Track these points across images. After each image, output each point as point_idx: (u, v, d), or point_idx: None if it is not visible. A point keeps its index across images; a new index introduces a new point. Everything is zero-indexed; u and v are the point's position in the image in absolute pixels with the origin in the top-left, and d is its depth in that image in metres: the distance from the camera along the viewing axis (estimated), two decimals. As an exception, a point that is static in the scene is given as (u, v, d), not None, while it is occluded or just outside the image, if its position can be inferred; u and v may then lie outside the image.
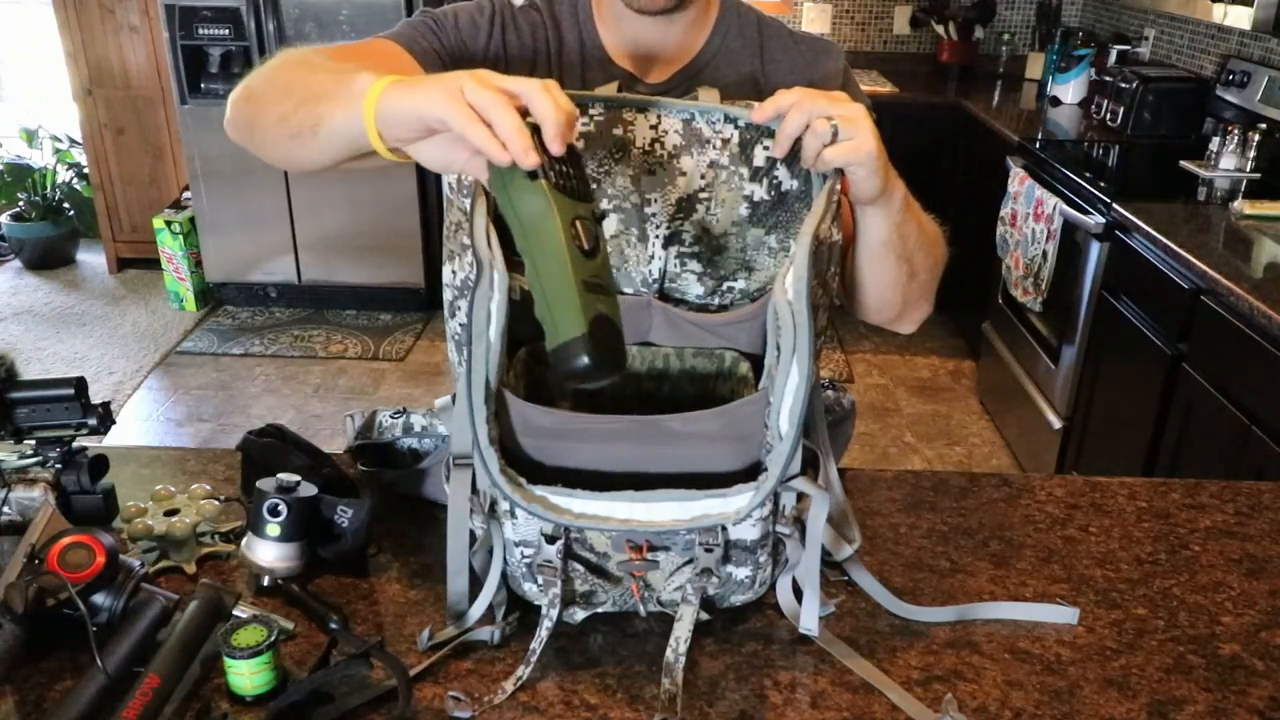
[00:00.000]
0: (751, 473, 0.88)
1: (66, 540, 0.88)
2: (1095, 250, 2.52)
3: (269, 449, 1.09)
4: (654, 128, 0.90)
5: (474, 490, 0.90)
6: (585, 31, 1.11)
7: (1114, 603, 1.00)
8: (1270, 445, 1.82)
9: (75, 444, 1.06)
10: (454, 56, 1.08)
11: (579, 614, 0.93)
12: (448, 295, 0.88)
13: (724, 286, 0.96)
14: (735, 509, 0.86)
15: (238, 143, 0.99)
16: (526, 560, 0.90)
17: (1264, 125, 2.73)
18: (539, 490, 0.85)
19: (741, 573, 0.92)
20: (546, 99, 0.72)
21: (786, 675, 0.89)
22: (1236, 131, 2.73)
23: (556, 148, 0.72)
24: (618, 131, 0.90)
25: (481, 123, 0.71)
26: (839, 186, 0.89)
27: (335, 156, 0.86)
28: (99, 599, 0.86)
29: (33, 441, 1.04)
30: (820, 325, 0.88)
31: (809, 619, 0.92)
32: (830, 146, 0.86)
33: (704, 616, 0.92)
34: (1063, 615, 0.97)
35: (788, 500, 0.91)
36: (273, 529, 0.95)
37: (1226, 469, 1.96)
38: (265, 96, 0.93)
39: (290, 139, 0.88)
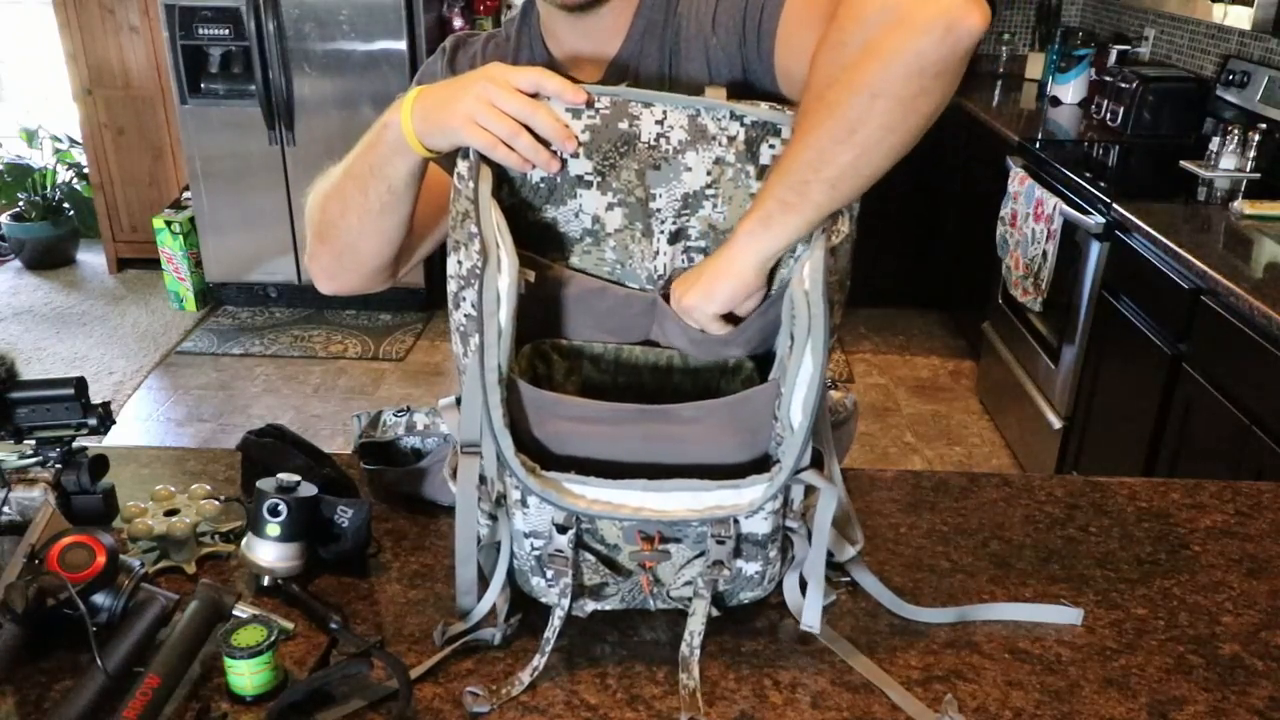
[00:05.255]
0: (759, 465, 0.88)
1: (66, 540, 0.88)
2: (1095, 250, 2.52)
3: (269, 449, 1.09)
4: (659, 123, 0.89)
5: (481, 483, 0.90)
6: (534, 43, 1.10)
7: (1114, 603, 1.00)
8: (1270, 445, 1.82)
9: (75, 444, 1.06)
10: None
11: (589, 605, 0.93)
12: (452, 286, 0.88)
13: None
14: (749, 500, 0.86)
15: (340, 290, 1.11)
16: (536, 553, 0.91)
17: (1264, 125, 2.72)
18: (552, 475, 0.85)
19: (752, 568, 0.93)
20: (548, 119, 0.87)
21: (787, 675, 0.89)
22: (1236, 131, 2.72)
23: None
24: (623, 125, 0.89)
25: (504, 146, 0.86)
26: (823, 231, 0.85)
27: (405, 199, 0.97)
28: (99, 599, 0.86)
29: (33, 441, 1.04)
30: (834, 323, 0.88)
31: (811, 615, 0.92)
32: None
33: (714, 612, 0.92)
34: (1066, 616, 0.97)
35: (796, 494, 0.92)
36: (273, 529, 0.95)
37: (1226, 469, 1.96)
38: (324, 208, 1.03)
39: (362, 211, 0.98)
